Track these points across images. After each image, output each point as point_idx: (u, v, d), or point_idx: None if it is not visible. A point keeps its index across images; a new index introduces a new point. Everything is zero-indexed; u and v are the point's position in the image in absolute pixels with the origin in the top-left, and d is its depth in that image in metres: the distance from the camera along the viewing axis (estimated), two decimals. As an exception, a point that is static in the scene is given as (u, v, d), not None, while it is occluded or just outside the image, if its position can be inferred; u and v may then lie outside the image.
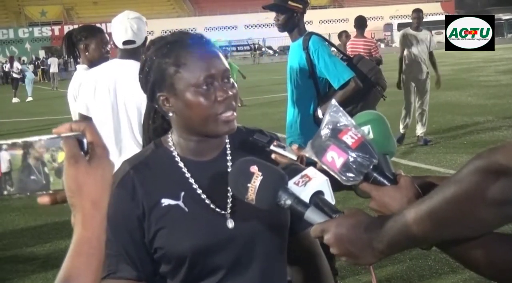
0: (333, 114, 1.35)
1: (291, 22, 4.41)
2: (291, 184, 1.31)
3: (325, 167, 1.32)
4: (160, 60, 1.58)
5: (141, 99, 3.63)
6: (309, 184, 1.30)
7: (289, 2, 4.38)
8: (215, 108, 1.54)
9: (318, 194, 1.29)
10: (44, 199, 1.00)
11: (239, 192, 1.33)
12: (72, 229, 0.98)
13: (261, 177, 1.29)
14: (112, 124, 3.60)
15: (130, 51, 3.68)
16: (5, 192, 0.98)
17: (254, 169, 1.31)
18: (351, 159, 1.29)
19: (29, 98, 25.71)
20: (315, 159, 1.34)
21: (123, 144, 3.58)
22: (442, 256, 4.79)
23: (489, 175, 1.10)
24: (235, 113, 1.58)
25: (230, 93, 1.56)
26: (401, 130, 9.50)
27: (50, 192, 0.98)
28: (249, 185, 1.30)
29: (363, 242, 1.20)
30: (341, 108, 1.36)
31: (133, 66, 3.60)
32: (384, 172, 1.34)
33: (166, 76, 1.57)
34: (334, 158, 1.30)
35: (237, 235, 1.59)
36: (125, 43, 3.68)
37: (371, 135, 1.37)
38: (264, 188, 1.29)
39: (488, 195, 1.10)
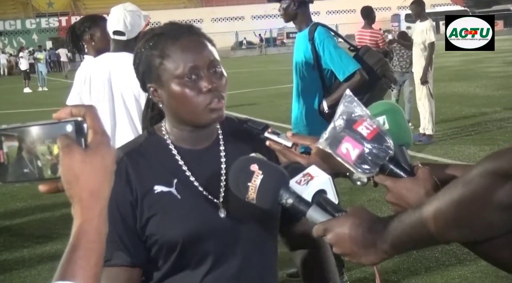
0: (347, 105, 1.31)
1: (288, 11, 4.42)
2: (292, 183, 1.27)
3: (339, 159, 1.28)
4: (148, 52, 1.59)
5: (138, 89, 3.64)
6: (311, 183, 1.26)
7: None
8: (200, 99, 1.54)
9: (320, 193, 1.26)
10: (44, 188, 0.96)
11: (240, 191, 1.30)
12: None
13: (262, 176, 1.26)
14: (109, 116, 3.60)
15: (122, 44, 3.67)
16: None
17: (254, 167, 1.27)
18: (367, 151, 1.26)
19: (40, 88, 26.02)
20: (329, 151, 1.30)
21: (120, 135, 3.55)
22: (449, 248, 4.78)
23: (498, 178, 1.07)
24: (223, 102, 1.56)
25: (216, 83, 1.55)
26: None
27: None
28: (249, 184, 1.26)
29: (367, 242, 1.17)
30: (356, 98, 1.31)
31: (126, 58, 3.56)
32: (400, 163, 1.30)
33: (153, 68, 1.58)
34: (349, 149, 1.26)
35: (228, 224, 1.59)
36: (115, 33, 3.68)
37: (386, 126, 1.33)
38: (265, 187, 1.26)
39: (496, 198, 1.07)
